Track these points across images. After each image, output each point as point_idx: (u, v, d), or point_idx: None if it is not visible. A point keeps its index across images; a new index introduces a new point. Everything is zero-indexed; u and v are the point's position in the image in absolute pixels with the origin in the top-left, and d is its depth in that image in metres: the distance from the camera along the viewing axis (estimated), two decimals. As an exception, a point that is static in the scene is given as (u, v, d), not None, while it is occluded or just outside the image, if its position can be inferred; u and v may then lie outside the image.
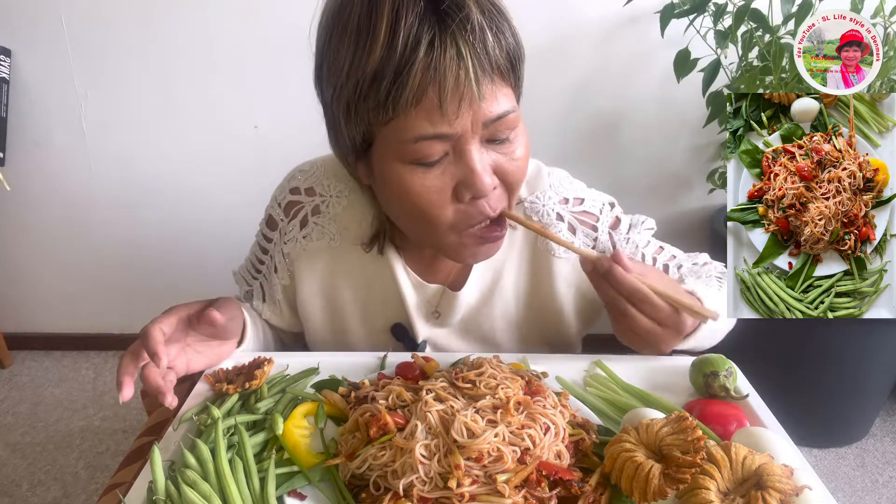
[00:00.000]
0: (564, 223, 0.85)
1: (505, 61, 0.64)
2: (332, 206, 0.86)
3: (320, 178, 0.87)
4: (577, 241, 0.85)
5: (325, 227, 0.86)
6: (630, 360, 0.83)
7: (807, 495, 0.55)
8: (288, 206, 0.88)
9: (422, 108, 0.62)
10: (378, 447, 0.61)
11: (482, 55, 0.61)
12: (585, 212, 0.86)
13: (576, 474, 0.60)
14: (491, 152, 0.67)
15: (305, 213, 0.87)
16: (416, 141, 0.63)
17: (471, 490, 0.57)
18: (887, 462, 1.84)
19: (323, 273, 0.88)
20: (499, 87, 0.64)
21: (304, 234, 0.87)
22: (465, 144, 0.65)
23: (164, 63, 1.97)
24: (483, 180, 0.65)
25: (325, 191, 0.87)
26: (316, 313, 0.90)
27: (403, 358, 0.81)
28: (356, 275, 0.87)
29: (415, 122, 0.62)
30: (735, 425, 0.67)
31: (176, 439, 0.68)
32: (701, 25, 1.67)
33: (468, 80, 0.60)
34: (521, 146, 0.70)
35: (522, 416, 0.62)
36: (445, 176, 0.66)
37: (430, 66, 0.60)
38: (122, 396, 0.68)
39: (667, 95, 1.93)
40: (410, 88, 0.60)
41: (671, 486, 0.55)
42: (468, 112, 0.62)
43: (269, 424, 0.69)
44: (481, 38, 0.61)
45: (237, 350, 0.85)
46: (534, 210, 0.85)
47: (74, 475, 1.82)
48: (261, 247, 0.94)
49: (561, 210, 0.85)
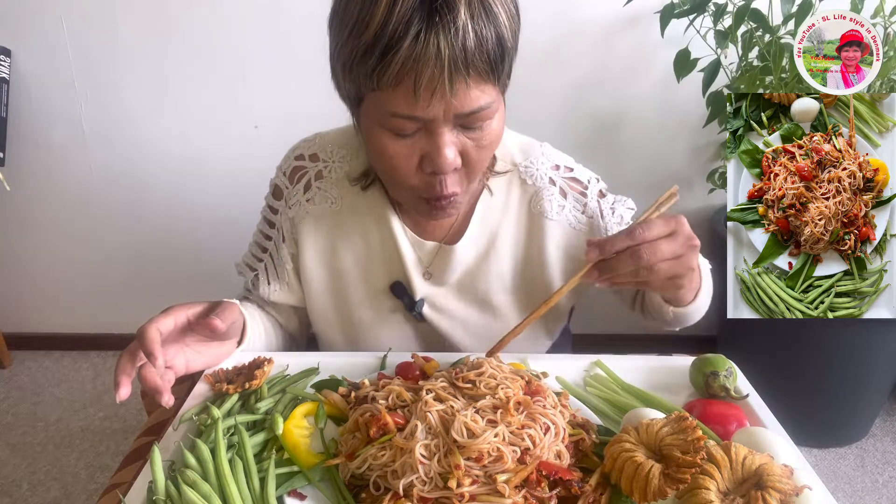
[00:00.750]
0: (556, 187, 0.90)
1: (484, 63, 0.67)
2: (333, 172, 0.91)
3: (324, 145, 0.92)
4: (568, 206, 0.90)
5: (327, 192, 0.91)
6: (630, 359, 0.83)
7: (807, 495, 0.55)
8: (293, 171, 0.93)
9: (399, 91, 0.67)
10: (378, 447, 0.61)
11: (460, 56, 0.64)
12: (575, 178, 0.92)
13: (576, 474, 0.60)
14: (461, 136, 0.72)
15: (309, 178, 0.91)
16: (393, 116, 0.69)
17: (471, 490, 0.57)
18: (887, 462, 1.84)
19: (324, 236, 0.91)
20: (475, 85, 0.68)
21: (308, 197, 0.91)
22: (436, 127, 0.70)
23: (164, 63, 1.97)
24: (446, 160, 0.71)
25: (328, 157, 0.91)
26: (317, 277, 0.93)
27: (403, 358, 0.81)
28: (356, 235, 0.91)
29: (393, 100, 0.67)
30: (735, 425, 0.67)
31: (176, 439, 0.68)
32: (701, 25, 1.67)
33: (442, 77, 0.64)
34: (491, 136, 0.74)
35: (522, 417, 0.62)
36: (415, 147, 0.72)
37: (410, 57, 0.64)
38: (119, 396, 0.68)
39: (667, 95, 1.93)
40: (391, 72, 0.65)
41: (671, 486, 0.55)
42: (440, 104, 0.67)
43: (269, 424, 0.69)
44: (462, 38, 0.64)
45: (237, 350, 0.85)
46: (528, 174, 0.90)
47: (74, 475, 1.82)
48: (267, 221, 0.96)
49: (553, 175, 0.90)
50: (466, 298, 0.92)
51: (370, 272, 0.92)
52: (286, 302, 0.96)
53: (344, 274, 0.92)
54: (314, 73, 1.89)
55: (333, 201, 0.90)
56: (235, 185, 2.08)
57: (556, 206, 0.89)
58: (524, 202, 0.90)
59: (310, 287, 0.93)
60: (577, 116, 2.00)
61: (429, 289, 0.91)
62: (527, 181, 0.90)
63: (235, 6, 1.89)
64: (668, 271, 0.68)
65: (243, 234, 1.06)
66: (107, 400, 2.13)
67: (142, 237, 2.21)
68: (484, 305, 0.92)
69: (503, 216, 0.90)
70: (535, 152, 0.91)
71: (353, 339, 0.95)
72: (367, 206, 0.90)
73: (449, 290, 0.91)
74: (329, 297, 0.94)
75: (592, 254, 0.69)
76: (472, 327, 0.93)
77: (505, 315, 0.92)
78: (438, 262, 0.90)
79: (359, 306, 0.93)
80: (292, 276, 0.94)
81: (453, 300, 0.92)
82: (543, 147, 0.92)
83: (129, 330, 0.73)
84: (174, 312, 0.75)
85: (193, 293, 0.98)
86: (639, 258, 0.66)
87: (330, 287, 0.93)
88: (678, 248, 0.68)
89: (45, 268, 2.29)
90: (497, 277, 0.91)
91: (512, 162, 0.91)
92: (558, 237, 0.90)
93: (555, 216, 0.89)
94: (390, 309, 0.93)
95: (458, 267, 0.90)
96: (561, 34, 1.90)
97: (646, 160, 2.04)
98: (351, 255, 0.91)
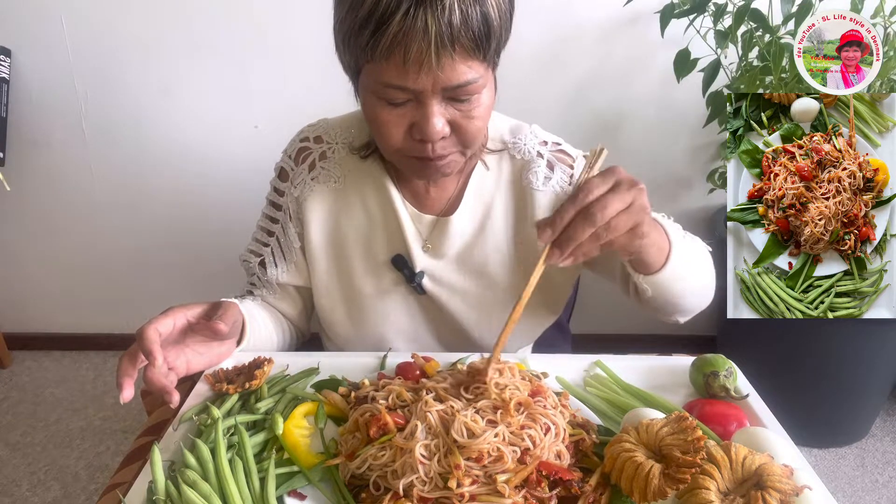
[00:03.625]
0: (544, 160, 0.93)
1: (469, 40, 0.70)
2: (337, 152, 0.95)
3: (328, 129, 0.97)
4: (555, 177, 0.93)
5: (330, 171, 0.95)
6: (630, 359, 0.83)
7: (807, 495, 0.55)
8: (298, 152, 0.97)
9: (391, 63, 0.71)
10: (378, 447, 0.61)
11: (445, 34, 0.68)
12: (563, 151, 0.95)
13: (576, 474, 0.60)
14: (450, 107, 0.76)
15: (314, 159, 0.95)
16: (385, 86, 0.74)
17: (471, 490, 0.58)
18: (887, 462, 1.84)
19: (328, 212, 0.95)
20: (461, 60, 0.72)
21: (312, 176, 0.95)
22: (425, 98, 0.74)
23: (164, 63, 1.97)
24: (433, 128, 0.75)
25: (332, 139, 0.96)
26: (322, 252, 0.96)
27: (403, 358, 0.81)
28: (358, 210, 0.94)
29: (385, 71, 0.72)
30: (735, 425, 0.67)
31: (176, 439, 0.68)
32: (701, 25, 1.67)
33: (429, 51, 0.69)
34: (480, 108, 0.78)
35: (523, 417, 0.62)
36: (405, 115, 0.76)
37: (400, 32, 0.68)
38: (123, 398, 0.69)
39: (667, 95, 1.93)
40: (383, 45, 0.70)
41: (671, 486, 0.55)
42: (428, 77, 0.71)
43: (269, 424, 0.69)
44: (448, 16, 0.68)
45: (237, 350, 0.85)
46: (516, 149, 0.94)
47: (74, 475, 1.82)
48: (273, 204, 0.98)
49: (541, 149, 0.94)
50: (465, 270, 0.94)
51: (372, 245, 0.95)
52: (293, 282, 0.99)
53: (347, 248, 0.95)
54: (314, 73, 1.91)
55: (337, 180, 0.94)
56: (235, 184, 2.08)
57: (543, 177, 0.92)
58: (514, 175, 0.94)
59: (314, 263, 0.96)
60: (577, 116, 2.00)
61: (428, 261, 0.94)
62: (516, 156, 0.94)
63: (236, 6, 1.89)
64: (626, 222, 0.66)
65: (243, 234, 1.06)
66: (107, 400, 2.13)
67: (142, 237, 2.21)
68: (482, 277, 0.95)
69: (496, 190, 0.94)
70: (523, 131, 0.96)
71: (354, 313, 0.97)
72: (369, 179, 0.94)
73: (448, 263, 0.94)
74: (333, 272, 0.96)
75: (545, 234, 0.66)
76: (470, 299, 0.95)
77: (503, 286, 0.95)
78: (437, 234, 0.93)
79: (361, 279, 0.95)
80: (299, 255, 0.97)
81: (452, 272, 0.94)
82: (532, 127, 0.96)
83: (129, 330, 0.73)
84: (173, 314, 0.75)
85: (193, 293, 0.99)
86: (592, 217, 0.64)
87: (333, 261, 0.96)
88: (626, 195, 0.65)
89: (46, 268, 2.29)
90: (494, 249, 0.94)
91: (502, 141, 0.95)
92: (546, 207, 0.93)
93: (541, 187, 0.92)
94: (391, 282, 0.95)
95: (457, 239, 0.93)
96: (561, 34, 1.90)
97: (646, 160, 2.04)
98: (353, 230, 0.95)
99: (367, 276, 0.95)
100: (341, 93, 0.86)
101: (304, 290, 1.01)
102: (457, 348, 0.97)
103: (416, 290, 0.94)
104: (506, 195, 0.94)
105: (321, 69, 1.76)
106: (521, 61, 1.89)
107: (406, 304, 0.96)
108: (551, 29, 1.88)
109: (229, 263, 1.05)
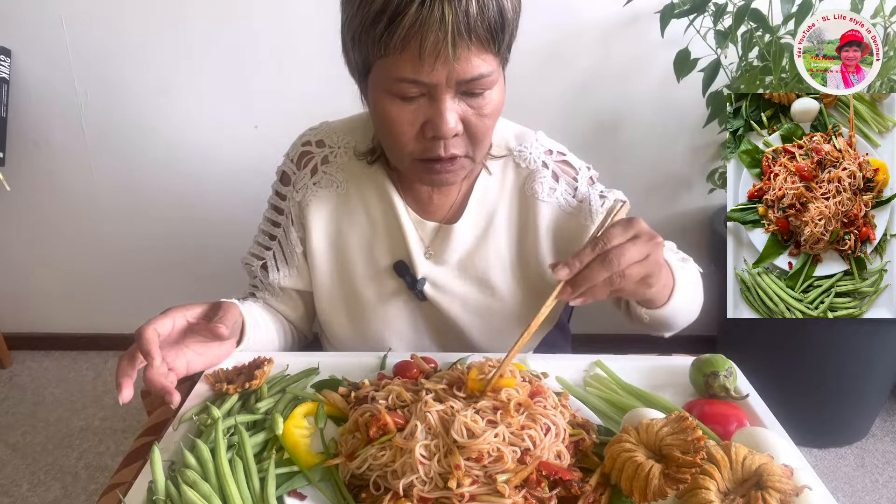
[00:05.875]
0: (549, 170, 0.93)
1: (485, 31, 0.71)
2: (339, 157, 0.95)
3: (330, 133, 0.96)
4: (560, 189, 0.93)
5: (332, 175, 0.94)
6: (630, 360, 0.83)
7: (807, 495, 0.55)
8: (300, 157, 0.96)
9: (406, 55, 0.71)
10: (378, 447, 0.61)
11: (462, 23, 0.68)
12: (567, 163, 0.95)
13: (576, 474, 0.60)
14: (462, 103, 0.76)
15: (316, 163, 0.95)
16: (399, 81, 0.73)
17: (471, 490, 0.58)
18: (887, 462, 1.84)
19: (331, 217, 0.95)
20: (476, 53, 0.72)
21: (315, 181, 0.94)
22: (439, 93, 0.73)
23: (164, 63, 1.97)
24: (447, 124, 0.74)
25: (334, 143, 0.95)
26: (324, 258, 0.95)
27: (404, 358, 0.81)
28: (361, 216, 0.94)
29: (399, 64, 0.72)
30: (735, 425, 0.67)
31: (176, 439, 0.68)
32: (701, 25, 1.67)
33: (445, 42, 0.68)
34: (491, 105, 0.77)
35: (523, 417, 0.62)
36: (418, 112, 0.76)
37: (416, 23, 0.68)
38: (122, 398, 0.69)
39: (667, 95, 1.93)
40: (398, 37, 0.69)
41: (671, 486, 0.55)
42: (443, 69, 0.71)
43: (269, 424, 0.69)
44: (466, 5, 0.68)
45: (236, 350, 0.85)
46: (521, 157, 0.94)
47: (74, 475, 1.82)
48: (275, 208, 0.98)
49: (546, 159, 0.94)
50: (466, 278, 0.94)
51: (374, 252, 0.94)
52: (295, 286, 0.98)
53: (348, 253, 0.95)
54: (314, 73, 1.90)
55: (339, 184, 0.94)
56: (235, 184, 2.08)
57: (548, 188, 0.92)
58: (518, 184, 0.94)
59: (316, 267, 0.96)
60: (577, 116, 1.99)
61: (430, 268, 0.93)
62: (520, 164, 0.94)
63: (236, 7, 1.89)
64: (640, 272, 0.69)
65: (243, 234, 1.06)
66: (107, 400, 2.12)
67: (142, 237, 2.21)
68: (483, 284, 0.94)
69: (499, 197, 0.94)
70: (529, 139, 0.95)
71: (355, 318, 0.97)
72: (372, 186, 0.93)
73: (449, 270, 0.94)
74: (334, 277, 0.96)
75: (562, 272, 0.67)
76: (471, 306, 0.95)
77: (504, 294, 0.95)
78: (439, 241, 0.93)
79: (362, 285, 0.95)
80: (301, 259, 0.97)
81: (454, 279, 0.94)
82: (538, 134, 0.96)
83: (129, 330, 0.73)
84: (172, 314, 0.75)
85: (193, 293, 0.99)
86: (609, 264, 0.66)
87: (335, 266, 0.96)
88: (643, 248, 0.68)
89: (46, 267, 2.29)
90: (496, 256, 0.94)
91: (507, 147, 0.94)
92: (549, 218, 0.93)
93: (546, 198, 0.92)
94: (393, 288, 0.95)
95: (459, 247, 0.93)
96: (561, 34, 1.90)
97: (646, 160, 2.04)
98: (356, 235, 0.94)
99: (368, 282, 0.95)
100: (342, 93, 0.86)
101: (305, 294, 1.00)
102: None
103: (418, 297, 0.94)
104: (509, 203, 0.94)
105: (321, 69, 1.76)
106: (521, 61, 1.88)
107: (407, 310, 0.96)
108: (551, 28, 1.88)
109: (229, 263, 1.05)
